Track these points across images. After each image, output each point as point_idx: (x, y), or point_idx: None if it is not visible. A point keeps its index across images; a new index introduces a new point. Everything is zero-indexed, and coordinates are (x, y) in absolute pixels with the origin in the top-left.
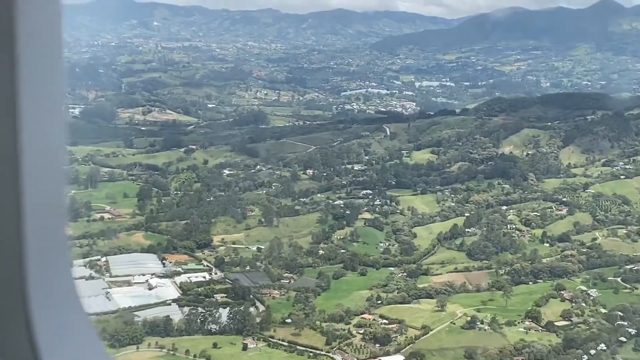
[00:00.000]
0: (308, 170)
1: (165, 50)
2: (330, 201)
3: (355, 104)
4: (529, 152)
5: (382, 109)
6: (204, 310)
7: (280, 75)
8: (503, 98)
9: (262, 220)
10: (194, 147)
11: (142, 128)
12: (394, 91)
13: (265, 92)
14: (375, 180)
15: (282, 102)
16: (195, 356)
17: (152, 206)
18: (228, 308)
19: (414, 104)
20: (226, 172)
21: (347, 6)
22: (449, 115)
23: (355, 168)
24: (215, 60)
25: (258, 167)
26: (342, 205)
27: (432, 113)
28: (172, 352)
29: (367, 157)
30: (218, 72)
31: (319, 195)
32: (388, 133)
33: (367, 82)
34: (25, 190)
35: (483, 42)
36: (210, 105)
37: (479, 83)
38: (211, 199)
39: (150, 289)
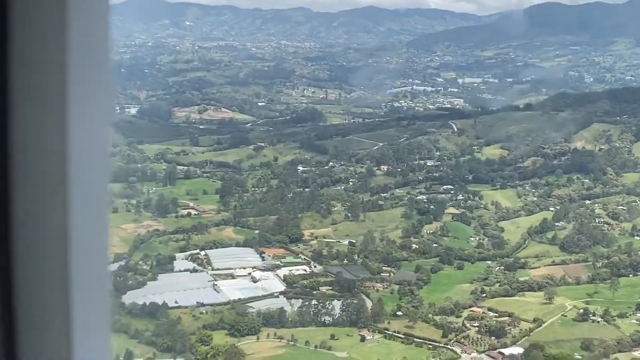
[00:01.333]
0: (382, 167)
1: (203, 49)
2: (412, 196)
3: (403, 101)
4: (602, 147)
5: (431, 106)
6: (317, 303)
7: (322, 73)
8: (568, 93)
9: (349, 215)
10: (262, 144)
11: (201, 127)
12: (439, 88)
13: (313, 90)
14: (451, 176)
15: (330, 100)
16: (316, 347)
17: (236, 202)
18: (341, 300)
19: (462, 100)
20: (300, 168)
21: (378, 4)
22: (513, 111)
23: (428, 164)
24: (254, 59)
25: (331, 163)
26: (425, 200)
27: (494, 109)
28: (291, 343)
29: (438, 153)
30: (260, 71)
31: (398, 190)
32: (455, 129)
33: (411, 80)
34: (72, 190)
35: (520, 38)
36: (260, 104)
37: (523, 79)
38: (290, 194)
39: (254, 281)
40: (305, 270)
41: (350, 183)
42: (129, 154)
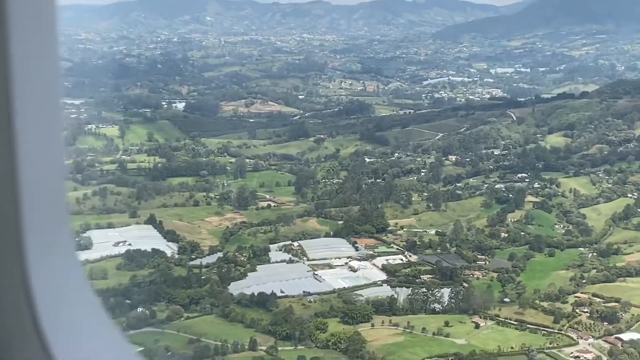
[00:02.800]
0: (450, 156)
1: (229, 44)
2: (489, 185)
3: (442, 92)
4: None
5: (471, 96)
6: (426, 290)
7: (353, 65)
8: (626, 80)
9: (430, 205)
10: (322, 136)
11: (250, 120)
12: (475, 79)
13: (350, 82)
14: (521, 164)
15: (368, 91)
16: (434, 334)
17: (312, 194)
18: (450, 288)
19: (499, 90)
20: (367, 159)
21: None
22: (568, 99)
23: (495, 153)
24: (282, 53)
25: (396, 154)
26: (503, 189)
27: (548, 97)
28: (407, 330)
29: (503, 142)
30: (292, 64)
31: (471, 180)
32: (514, 118)
33: (445, 71)
34: (23, 187)
35: (545, 28)
36: (300, 96)
37: (556, 68)
38: (365, 185)
39: (353, 270)
40: (401, 259)
41: (422, 173)
42: (193, 148)
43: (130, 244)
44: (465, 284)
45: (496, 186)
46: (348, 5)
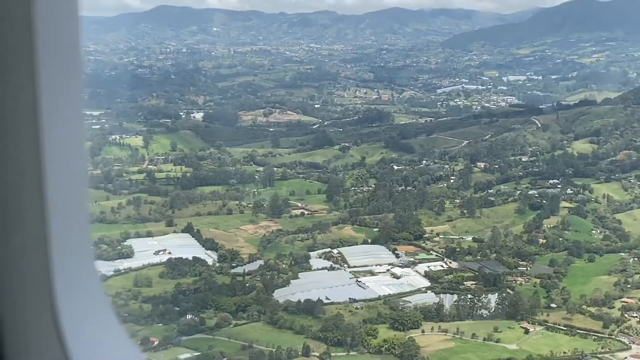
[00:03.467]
0: (478, 163)
1: (238, 54)
2: (522, 191)
3: (457, 100)
4: None
5: (486, 104)
6: (472, 297)
7: (365, 74)
8: None
9: (464, 211)
10: (347, 144)
11: (270, 129)
12: (488, 86)
13: (365, 91)
14: (550, 170)
15: (383, 100)
16: (484, 339)
17: (344, 201)
18: (496, 294)
19: (513, 97)
20: (395, 167)
21: (403, 4)
22: (590, 105)
23: (523, 159)
24: (292, 63)
25: (424, 162)
26: (536, 195)
27: (570, 103)
28: (457, 336)
29: (530, 149)
30: (304, 74)
31: (502, 186)
32: (539, 125)
33: (458, 79)
34: (49, 195)
35: (554, 36)
36: (316, 105)
37: (568, 75)
38: (394, 193)
39: (396, 277)
40: (442, 266)
41: (451, 180)
42: (219, 157)
43: (170, 253)
44: (509, 290)
45: (529, 192)
46: (355, 15)
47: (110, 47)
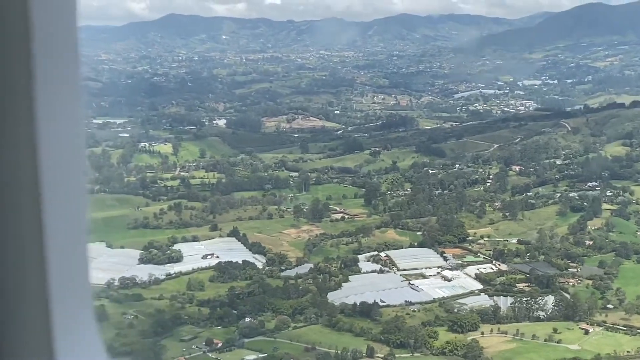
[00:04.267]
0: (513, 166)
1: (250, 62)
2: (562, 194)
3: (477, 104)
4: None
5: (505, 108)
6: (529, 298)
7: (380, 80)
8: None
9: (506, 214)
10: (377, 149)
11: (295, 135)
12: (505, 91)
13: (383, 97)
14: (585, 173)
15: (402, 106)
16: (545, 340)
17: (383, 205)
18: (553, 296)
19: (532, 102)
20: (429, 171)
21: (410, 10)
22: (618, 108)
23: (557, 162)
24: (305, 69)
25: (457, 165)
26: (577, 198)
27: (595, 107)
28: (517, 337)
29: (563, 152)
30: (319, 80)
31: (540, 189)
32: (569, 128)
33: (474, 84)
34: (46, 200)
35: (565, 40)
36: (336, 112)
37: (584, 79)
38: (433, 197)
39: (447, 280)
40: (491, 268)
41: (488, 183)
42: (251, 163)
43: (217, 257)
44: (561, 291)
45: (569, 195)
46: (363, 22)
47: (122, 56)
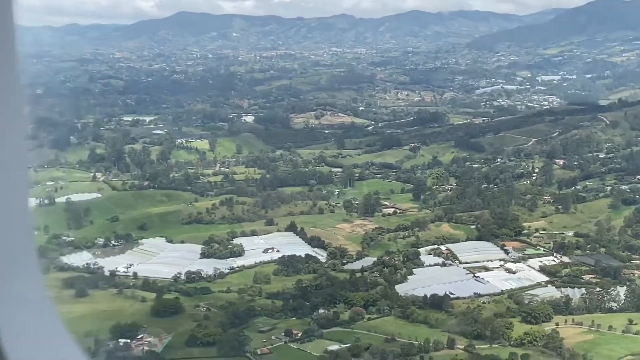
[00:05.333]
0: (556, 160)
1: (264, 59)
2: (611, 187)
3: (501, 100)
4: None
5: (529, 103)
6: (600, 289)
7: (400, 77)
8: None
9: (559, 207)
10: (417, 145)
11: (325, 131)
12: (527, 86)
13: (406, 93)
14: (631, 166)
15: (426, 102)
16: (623, 332)
17: (432, 200)
18: (625, 287)
19: (554, 97)
20: (473, 165)
21: (421, 7)
22: None
23: (600, 156)
24: (321, 66)
25: (499, 159)
26: (628, 190)
27: (634, 101)
28: (593, 329)
29: (605, 146)
30: (338, 77)
31: (587, 182)
32: (607, 122)
33: (494, 79)
34: None
35: (579, 36)
36: (361, 108)
37: (603, 74)
38: (483, 191)
39: (511, 272)
40: (554, 260)
41: (534, 177)
42: (290, 158)
43: (278, 251)
44: (630, 283)
45: (621, 187)
46: (373, 18)
47: (135, 54)
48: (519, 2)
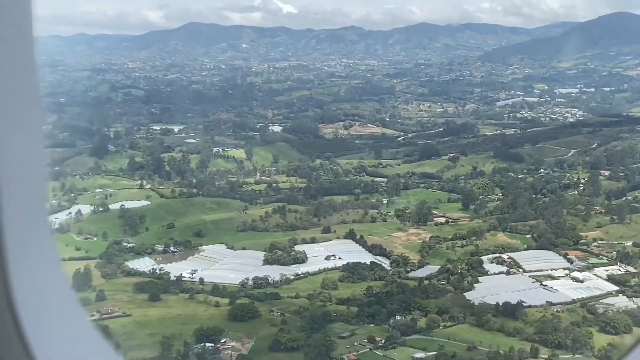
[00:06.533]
0: (602, 172)
1: (278, 70)
2: None
3: (523, 112)
4: None
5: (552, 115)
6: None
7: (419, 89)
8: None
9: (614, 217)
10: (456, 155)
11: (356, 141)
12: (547, 99)
13: (428, 104)
14: None
15: (450, 113)
16: None
17: (483, 209)
18: None
19: (576, 109)
20: (514, 176)
21: (430, 20)
22: None
23: None
24: (336, 78)
25: (542, 170)
26: None
27: None
28: None
29: None
30: (357, 88)
31: (636, 193)
32: None
33: (513, 92)
34: (4, 190)
35: (592, 49)
36: (387, 119)
37: (622, 87)
38: (534, 201)
39: (579, 281)
40: (619, 269)
41: (581, 187)
42: (331, 168)
43: (340, 258)
44: None
45: None
46: (382, 30)
47: (148, 64)
48: (526, 15)
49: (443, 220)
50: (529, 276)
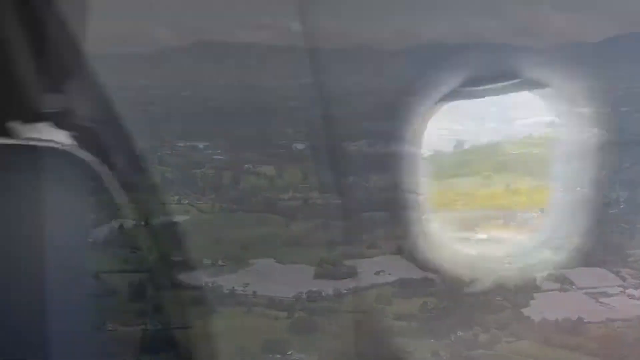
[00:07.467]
0: None
1: (292, 88)
2: None
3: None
4: None
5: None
6: None
7: None
8: None
9: None
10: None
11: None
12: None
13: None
14: None
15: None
16: None
17: None
18: None
19: (596, 128)
20: None
21: (439, 39)
22: None
23: None
24: (350, 95)
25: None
26: None
27: None
28: None
29: None
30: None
31: None
32: None
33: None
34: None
35: (604, 69)
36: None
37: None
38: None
39: (635, 298)
40: None
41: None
42: (363, 184)
43: (390, 274)
44: None
45: None
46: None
47: (161, 82)
48: (535, 35)
49: (485, 236)
50: (583, 293)
